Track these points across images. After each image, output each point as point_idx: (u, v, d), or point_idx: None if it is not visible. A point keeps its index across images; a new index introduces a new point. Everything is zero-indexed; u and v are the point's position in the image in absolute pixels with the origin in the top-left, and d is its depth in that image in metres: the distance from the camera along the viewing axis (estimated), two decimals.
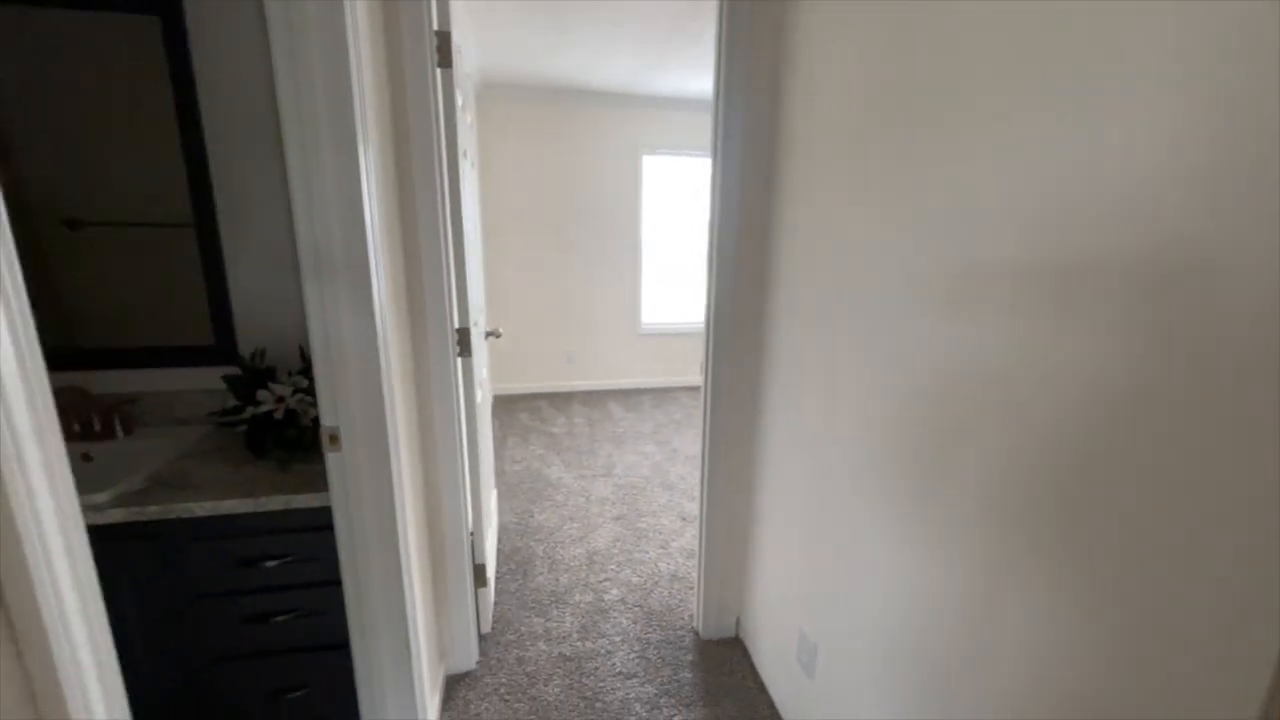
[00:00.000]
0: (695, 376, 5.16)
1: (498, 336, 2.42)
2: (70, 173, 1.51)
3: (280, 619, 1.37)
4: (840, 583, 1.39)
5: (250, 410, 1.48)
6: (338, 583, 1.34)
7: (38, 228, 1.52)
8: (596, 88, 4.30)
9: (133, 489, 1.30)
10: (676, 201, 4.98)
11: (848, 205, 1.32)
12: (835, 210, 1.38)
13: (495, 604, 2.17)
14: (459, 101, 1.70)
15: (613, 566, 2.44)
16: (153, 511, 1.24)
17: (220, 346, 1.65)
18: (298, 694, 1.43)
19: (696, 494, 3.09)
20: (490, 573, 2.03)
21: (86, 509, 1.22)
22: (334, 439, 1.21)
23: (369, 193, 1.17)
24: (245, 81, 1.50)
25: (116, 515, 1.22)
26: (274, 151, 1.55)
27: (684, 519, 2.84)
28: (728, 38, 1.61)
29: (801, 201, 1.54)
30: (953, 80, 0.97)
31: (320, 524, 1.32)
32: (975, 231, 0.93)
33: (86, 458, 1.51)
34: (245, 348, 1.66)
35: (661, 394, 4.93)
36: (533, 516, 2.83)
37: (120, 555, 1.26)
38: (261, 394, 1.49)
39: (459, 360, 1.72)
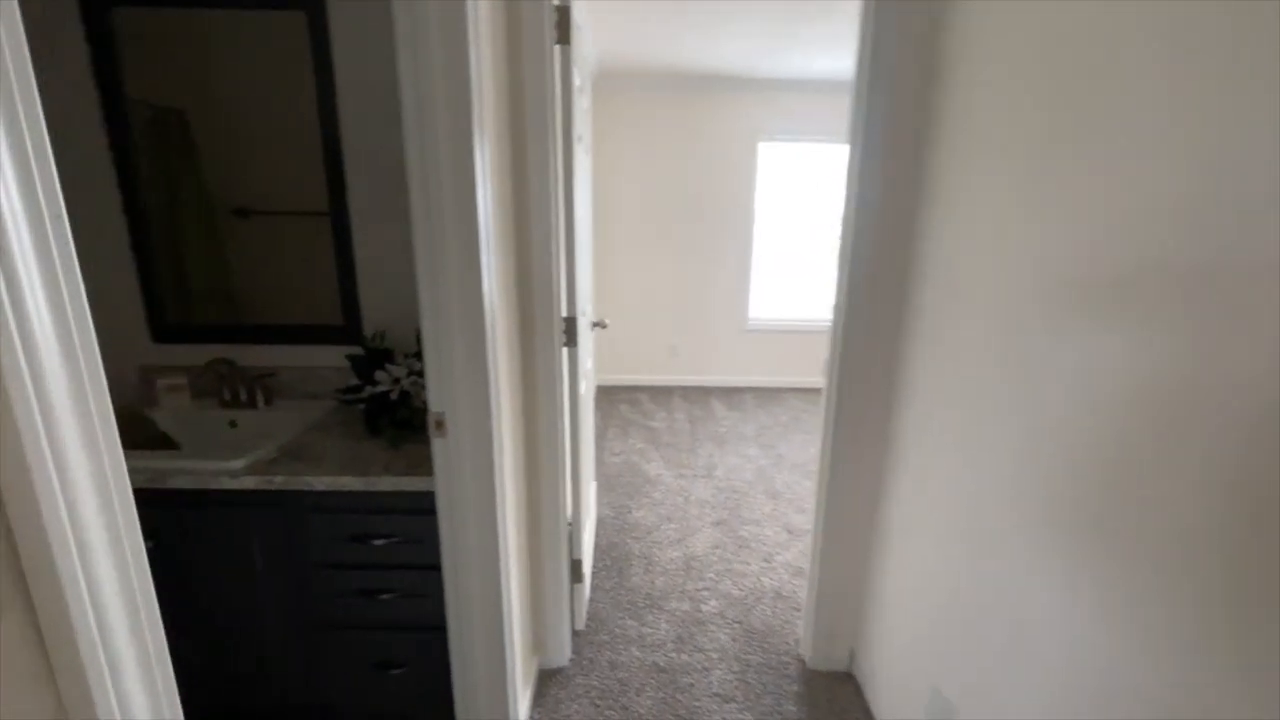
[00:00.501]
0: (803, 377, 4.85)
1: (604, 327, 2.37)
2: (240, 165, 1.65)
3: (385, 597, 1.39)
4: (994, 641, 1.15)
5: (369, 389, 1.53)
6: (439, 567, 1.33)
7: (215, 217, 1.67)
8: (712, 71, 4.13)
9: (265, 458, 1.38)
10: (793, 191, 4.68)
11: (1025, 191, 1.08)
12: (1007, 197, 1.13)
13: (589, 600, 2.12)
14: (576, 82, 1.64)
15: (711, 575, 2.31)
16: (279, 481, 1.30)
17: (347, 327, 1.74)
18: (399, 671, 1.46)
19: (804, 505, 2.86)
20: (586, 568, 1.99)
21: (224, 474, 1.31)
22: (440, 425, 1.20)
23: (483, 181, 1.14)
24: (377, 74, 1.55)
25: (249, 482, 1.30)
26: (400, 143, 1.58)
27: (790, 532, 2.64)
28: (877, 6, 1.40)
29: (960, 190, 1.30)
30: (1193, 25, 0.72)
31: (425, 508, 1.32)
32: (1209, 222, 0.68)
33: (233, 424, 1.65)
34: (369, 329, 1.73)
35: (767, 394, 4.68)
36: (630, 512, 2.77)
37: (252, 520, 1.35)
38: (379, 374, 1.53)
39: (565, 350, 1.67)
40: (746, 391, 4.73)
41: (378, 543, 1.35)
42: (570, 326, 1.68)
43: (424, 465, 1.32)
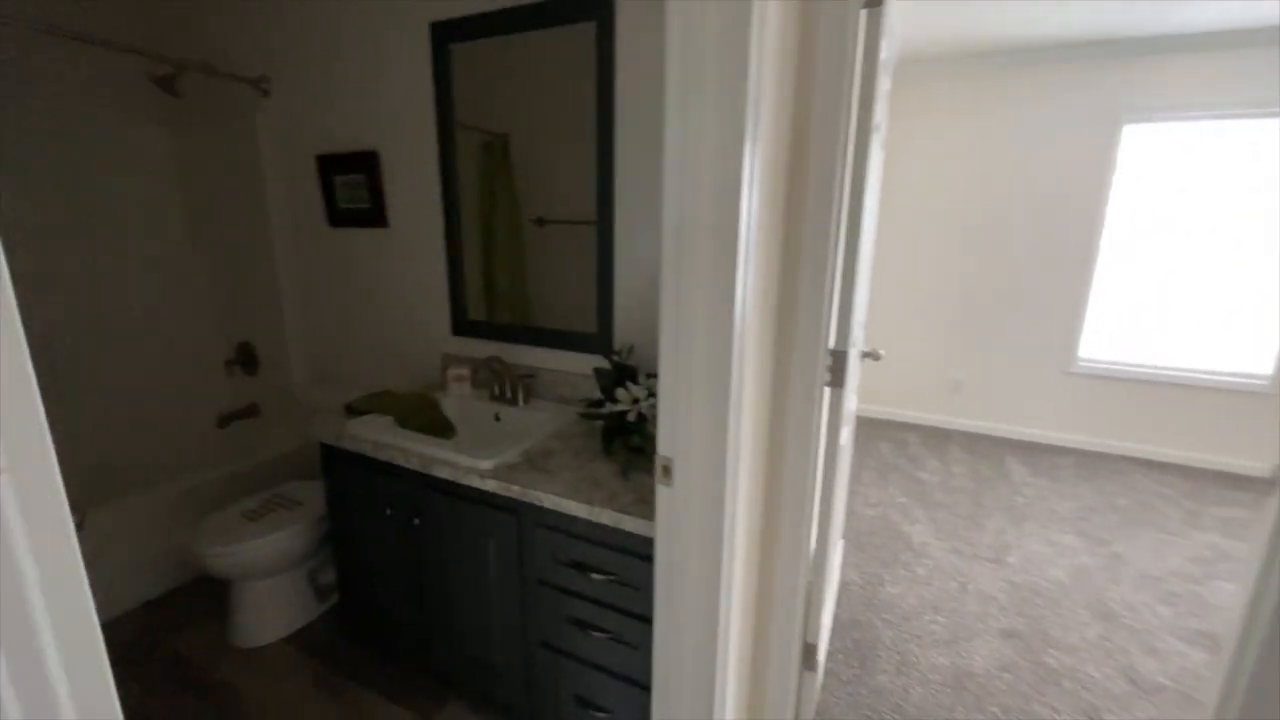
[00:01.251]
0: (1162, 446, 3.46)
1: (876, 358, 1.95)
2: (538, 177, 1.76)
3: (598, 635, 1.29)
4: None
5: (608, 406, 1.46)
6: (652, 620, 1.17)
7: (521, 226, 1.82)
8: (1057, 38, 3.19)
9: (509, 462, 1.40)
10: (1175, 188, 3.36)
11: None
12: None
13: (821, 688, 1.75)
14: (882, 55, 1.29)
15: (995, 710, 1.70)
16: (515, 491, 1.30)
17: (600, 337, 1.72)
18: (602, 715, 1.35)
19: (1159, 645, 1.96)
20: (821, 654, 1.63)
21: (473, 473, 1.36)
22: (667, 471, 1.02)
23: (749, 186, 0.92)
24: (651, 83, 1.48)
25: (490, 484, 1.33)
26: None
27: (1134, 682, 1.80)
28: None
29: None
30: None
31: (644, 553, 1.17)
32: None
33: (497, 418, 1.77)
34: (619, 341, 1.68)
35: (1095, 460, 3.48)
36: (883, 585, 2.27)
37: (492, 521, 1.38)
38: (619, 392, 1.44)
39: (827, 390, 1.35)
40: (1064, 453, 3.60)
41: (596, 577, 1.26)
42: (838, 362, 1.35)
43: (650, 504, 1.17)
